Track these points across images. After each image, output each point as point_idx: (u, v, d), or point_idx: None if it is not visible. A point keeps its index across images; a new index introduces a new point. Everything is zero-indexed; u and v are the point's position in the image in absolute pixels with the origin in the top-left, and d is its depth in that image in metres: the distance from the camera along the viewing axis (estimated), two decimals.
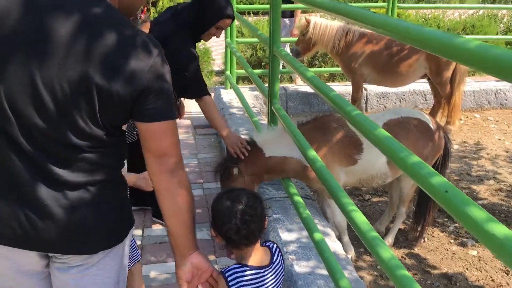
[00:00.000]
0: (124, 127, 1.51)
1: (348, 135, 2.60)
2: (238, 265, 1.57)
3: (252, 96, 4.95)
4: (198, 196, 3.62)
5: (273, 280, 1.60)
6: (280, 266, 1.65)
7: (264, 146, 2.62)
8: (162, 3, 6.61)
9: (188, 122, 5.03)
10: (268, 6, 3.23)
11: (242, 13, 5.43)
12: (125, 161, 1.76)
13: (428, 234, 3.12)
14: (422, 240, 3.04)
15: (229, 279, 1.51)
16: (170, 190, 1.38)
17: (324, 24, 4.57)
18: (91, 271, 1.38)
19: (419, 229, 2.98)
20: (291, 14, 6.05)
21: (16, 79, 1.18)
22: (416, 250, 3.00)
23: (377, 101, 5.54)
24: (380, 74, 4.71)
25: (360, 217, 1.66)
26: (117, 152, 1.38)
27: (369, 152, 2.58)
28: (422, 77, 4.74)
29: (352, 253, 2.82)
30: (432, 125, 2.76)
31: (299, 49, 4.75)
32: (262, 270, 1.58)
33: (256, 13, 9.42)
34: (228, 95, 4.89)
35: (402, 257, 2.94)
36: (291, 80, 6.43)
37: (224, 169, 2.60)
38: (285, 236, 2.50)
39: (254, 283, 1.56)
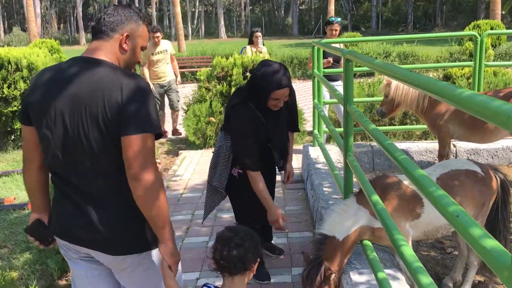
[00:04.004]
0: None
1: (407, 192, 2.76)
2: (213, 287, 1.90)
3: (338, 152, 5.20)
4: (282, 244, 3.90)
5: None
6: None
7: (334, 232, 2.67)
8: None
9: (278, 177, 5.38)
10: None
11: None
12: None
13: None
14: None
15: None
16: (135, 195, 1.76)
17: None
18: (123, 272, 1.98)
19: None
20: None
21: (56, 130, 1.81)
22: None
23: (468, 157, 5.50)
24: (467, 130, 4.72)
25: (408, 251, 1.86)
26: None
27: (430, 205, 2.70)
28: None
29: None
30: (481, 172, 2.85)
31: (384, 110, 4.85)
32: None
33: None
34: (315, 152, 5.21)
35: None
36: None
37: (319, 276, 2.56)
38: (356, 277, 2.68)
39: None
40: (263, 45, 8.48)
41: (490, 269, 3.05)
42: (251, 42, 8.40)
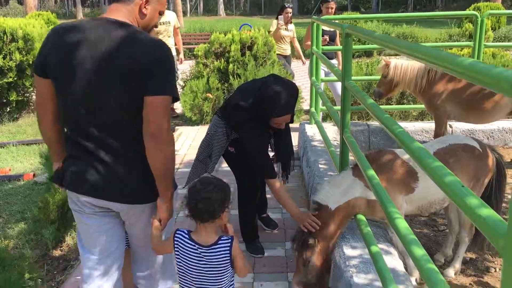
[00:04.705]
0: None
1: (402, 166, 2.77)
2: (186, 231, 2.09)
3: (334, 130, 5.20)
4: (277, 219, 3.92)
5: (196, 260, 2.03)
6: (213, 255, 2.01)
7: (326, 201, 2.71)
8: (257, 47, 7.17)
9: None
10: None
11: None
12: None
13: (500, 265, 3.12)
14: (493, 269, 3.05)
15: (175, 234, 2.08)
16: (149, 150, 1.85)
17: (405, 65, 4.71)
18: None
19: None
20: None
21: (80, 86, 1.85)
22: (486, 278, 3.02)
23: None
24: (464, 111, 4.72)
25: (402, 224, 1.86)
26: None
27: (424, 180, 2.72)
28: (510, 114, 4.68)
29: (416, 275, 2.92)
30: (479, 148, 2.87)
31: (381, 91, 4.84)
32: (195, 245, 2.03)
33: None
34: (311, 130, 5.20)
35: (470, 284, 2.97)
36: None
37: (302, 242, 2.68)
38: (349, 252, 2.70)
39: (184, 249, 2.04)
40: (291, 22, 8.01)
41: (480, 246, 3.10)
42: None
